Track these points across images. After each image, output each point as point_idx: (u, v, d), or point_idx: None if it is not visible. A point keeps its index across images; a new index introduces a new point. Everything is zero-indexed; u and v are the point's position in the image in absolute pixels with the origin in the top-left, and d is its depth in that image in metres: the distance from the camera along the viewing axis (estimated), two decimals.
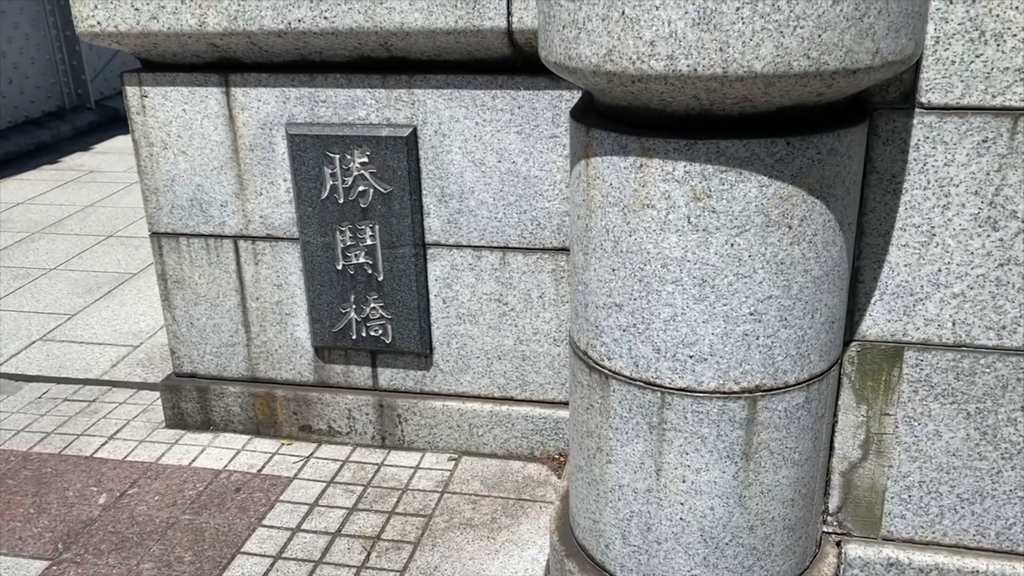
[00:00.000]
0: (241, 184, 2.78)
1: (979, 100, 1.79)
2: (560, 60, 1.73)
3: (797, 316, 1.78)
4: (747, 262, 1.72)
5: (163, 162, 2.80)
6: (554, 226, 2.61)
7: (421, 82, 2.56)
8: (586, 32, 1.63)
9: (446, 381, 2.87)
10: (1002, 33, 1.75)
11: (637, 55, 1.57)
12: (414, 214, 2.66)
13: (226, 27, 2.52)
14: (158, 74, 2.71)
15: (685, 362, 1.81)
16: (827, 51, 1.50)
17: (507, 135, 2.55)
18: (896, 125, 1.85)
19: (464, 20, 2.39)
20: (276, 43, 2.55)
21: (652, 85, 1.61)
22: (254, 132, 2.70)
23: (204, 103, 2.70)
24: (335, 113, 2.63)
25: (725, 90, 1.57)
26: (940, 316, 1.95)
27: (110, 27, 2.59)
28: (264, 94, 2.65)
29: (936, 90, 1.81)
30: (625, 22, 1.56)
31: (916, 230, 1.90)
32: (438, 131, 2.59)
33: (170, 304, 2.99)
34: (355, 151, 2.62)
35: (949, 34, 1.77)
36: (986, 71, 1.77)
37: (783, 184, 1.67)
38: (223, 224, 2.84)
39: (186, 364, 3.08)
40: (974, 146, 1.82)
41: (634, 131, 1.74)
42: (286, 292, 2.88)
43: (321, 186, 2.68)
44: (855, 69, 1.54)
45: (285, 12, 2.47)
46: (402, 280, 2.73)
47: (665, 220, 1.73)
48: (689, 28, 1.51)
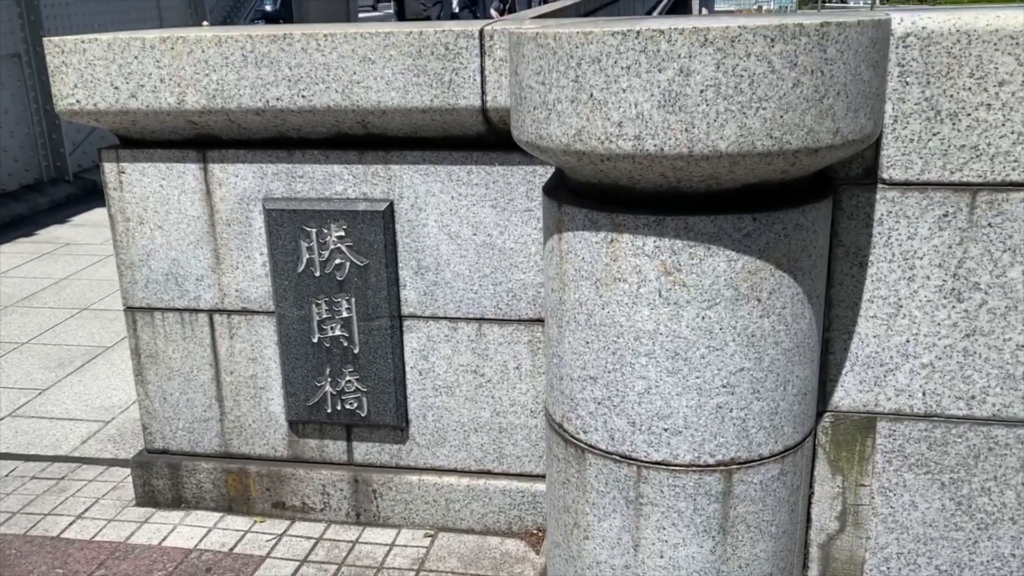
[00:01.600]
0: (217, 258, 2.78)
1: (938, 176, 1.85)
2: (531, 140, 1.77)
3: (769, 388, 1.80)
4: (718, 335, 1.74)
5: (139, 237, 2.80)
6: (530, 297, 2.63)
7: (398, 158, 2.60)
8: (556, 113, 1.67)
9: (422, 455, 2.84)
10: (957, 113, 1.81)
11: (605, 135, 1.61)
12: (390, 286, 2.67)
13: (205, 105, 2.56)
14: (136, 150, 2.73)
15: (660, 435, 1.81)
16: (789, 131, 1.55)
17: (482, 209, 2.59)
18: (860, 200, 1.90)
19: (439, 99, 2.45)
20: (254, 120, 2.59)
21: (621, 164, 1.65)
22: (231, 207, 2.72)
23: (182, 179, 2.72)
24: (312, 188, 2.66)
25: (691, 169, 1.61)
26: (910, 386, 1.97)
27: (89, 105, 2.62)
28: (242, 170, 2.68)
29: (897, 166, 1.87)
30: (593, 104, 1.61)
31: (883, 302, 1.94)
32: (414, 205, 2.63)
33: (143, 379, 2.96)
34: (332, 225, 2.64)
35: (907, 113, 1.84)
36: (943, 148, 1.84)
37: (751, 258, 1.70)
38: (198, 298, 2.83)
39: (158, 440, 3.03)
40: (936, 220, 1.87)
41: (605, 207, 1.78)
42: (261, 366, 2.86)
43: (297, 260, 2.69)
44: (817, 148, 1.59)
45: (263, 91, 2.52)
46: (378, 352, 2.73)
47: (637, 294, 1.76)
48: (655, 110, 1.56)
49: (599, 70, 1.59)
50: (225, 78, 2.53)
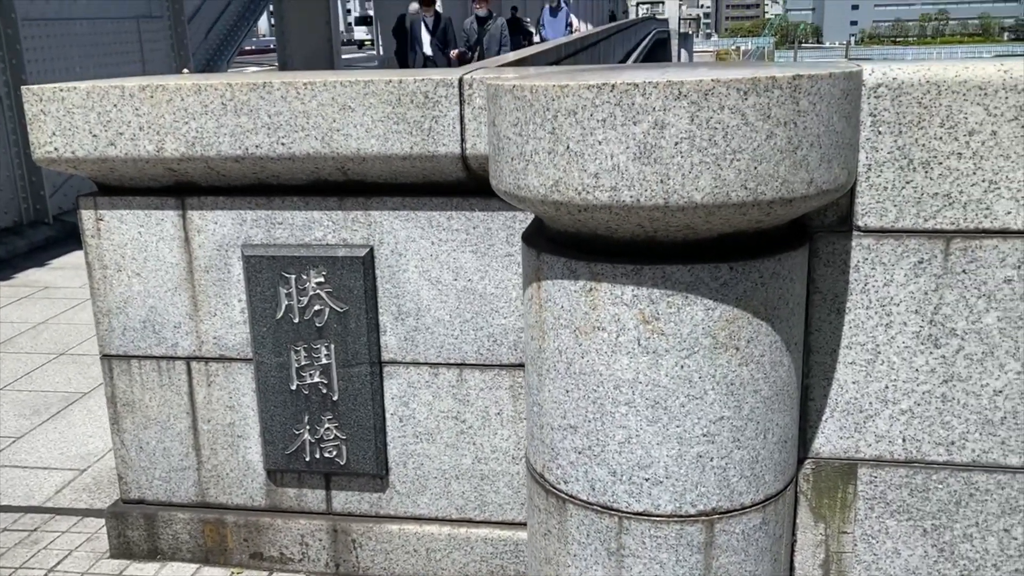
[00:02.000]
0: (195, 305, 2.76)
1: (912, 223, 1.87)
2: (510, 189, 1.78)
3: (750, 436, 1.79)
4: (698, 383, 1.73)
5: (117, 284, 2.78)
6: (511, 342, 2.62)
7: (378, 204, 2.60)
8: (533, 164, 1.68)
9: (403, 503, 2.80)
10: (929, 161, 1.84)
11: (582, 186, 1.62)
12: (370, 332, 2.66)
13: (184, 153, 2.55)
14: (114, 197, 2.72)
15: (641, 485, 1.80)
16: (763, 182, 1.57)
17: (463, 254, 2.59)
18: (836, 247, 1.92)
19: (419, 146, 2.46)
20: (233, 168, 2.59)
21: (598, 214, 1.66)
22: (210, 254, 2.71)
23: (160, 226, 2.71)
24: (292, 234, 2.65)
25: (668, 219, 1.62)
26: (890, 432, 1.97)
27: (67, 153, 2.61)
28: (221, 216, 2.67)
29: (871, 214, 1.88)
30: (570, 156, 1.62)
31: (861, 348, 1.94)
32: (394, 251, 2.62)
33: (119, 428, 2.91)
34: (311, 271, 2.63)
35: (880, 162, 1.86)
36: (917, 196, 1.86)
37: (728, 307, 1.71)
38: (176, 346, 2.80)
39: (134, 490, 2.98)
40: (911, 267, 1.89)
41: (583, 256, 1.78)
42: (239, 414, 2.82)
43: (276, 306, 2.67)
44: (791, 198, 1.60)
45: (243, 138, 2.52)
46: (357, 399, 2.70)
47: (616, 342, 1.75)
48: (631, 162, 1.57)
49: (575, 122, 1.60)
50: (204, 126, 2.53)
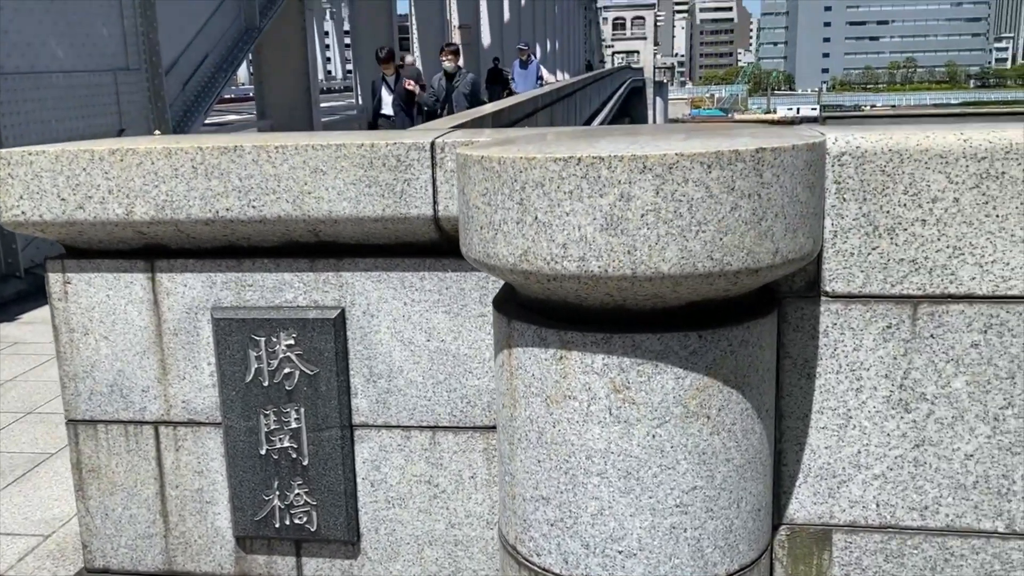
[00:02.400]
0: (164, 369, 2.72)
1: (880, 289, 1.89)
2: (479, 258, 1.77)
3: (723, 506, 1.77)
4: (670, 453, 1.72)
5: (84, 348, 2.74)
6: (484, 404, 2.60)
7: (349, 265, 2.59)
8: (502, 234, 1.68)
9: (375, 570, 2.74)
10: (894, 228, 1.86)
11: (551, 256, 1.62)
12: (341, 395, 2.62)
13: (154, 216, 2.54)
14: (82, 260, 2.69)
15: (615, 558, 1.77)
16: (729, 253, 1.58)
17: (436, 315, 2.58)
18: (805, 312, 1.92)
19: (391, 209, 2.45)
20: (204, 231, 2.57)
21: (567, 284, 1.65)
22: (179, 317, 2.68)
23: (129, 288, 2.68)
24: (262, 296, 2.63)
25: (636, 289, 1.62)
26: (864, 497, 1.96)
27: (35, 217, 2.59)
28: (190, 279, 2.65)
29: (839, 280, 1.90)
30: (538, 226, 1.63)
31: (833, 413, 1.94)
32: (366, 312, 2.60)
33: (84, 495, 2.84)
34: (281, 334, 2.60)
35: (846, 228, 1.88)
36: (883, 262, 1.87)
37: (699, 375, 1.70)
38: (144, 410, 2.75)
39: (99, 558, 2.89)
40: (880, 332, 1.89)
41: (553, 324, 1.77)
42: (207, 479, 2.77)
43: (246, 369, 2.64)
44: (757, 268, 1.61)
45: (213, 201, 2.51)
46: (328, 464, 2.65)
47: (587, 412, 1.74)
48: (598, 232, 1.58)
49: (543, 194, 1.61)
50: (175, 189, 2.52)
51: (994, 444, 1.89)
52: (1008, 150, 1.80)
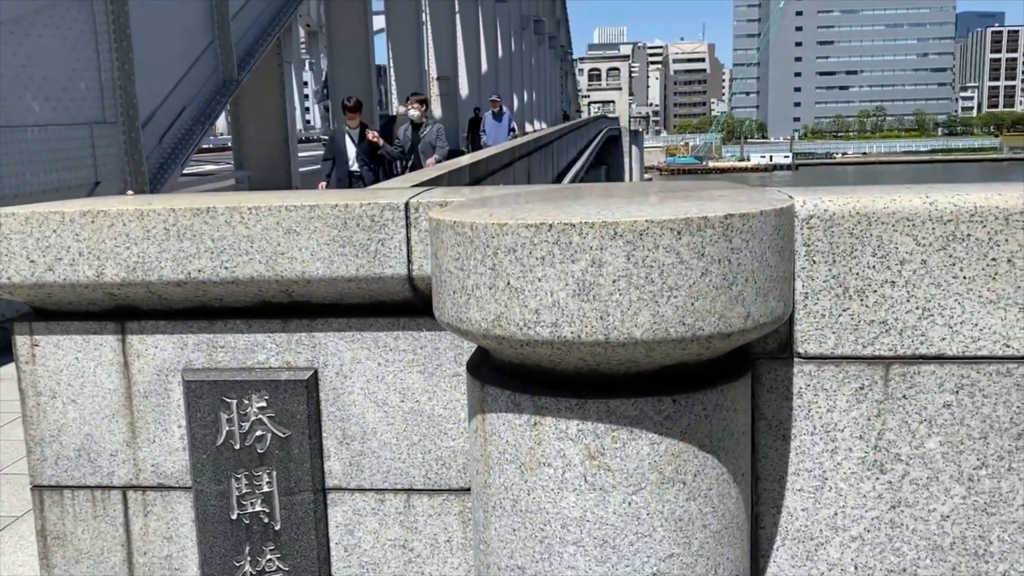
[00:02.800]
0: (133, 432, 2.67)
1: (851, 350, 1.89)
2: (452, 322, 1.77)
3: (700, 573, 1.75)
4: (646, 520, 1.70)
5: (51, 412, 2.68)
6: (460, 465, 2.56)
7: (323, 325, 2.57)
8: (475, 299, 1.68)
9: None
10: (864, 289, 1.88)
11: (524, 322, 1.62)
12: (313, 458, 2.58)
13: (124, 277, 2.51)
14: (51, 322, 2.65)
15: None
16: (701, 318, 1.58)
17: (410, 375, 2.55)
18: (778, 374, 1.93)
19: (365, 268, 2.45)
20: (175, 292, 2.55)
21: (540, 349, 1.65)
22: (149, 379, 2.64)
23: (98, 351, 2.64)
24: (234, 358, 2.60)
25: (609, 354, 1.62)
26: (842, 560, 1.94)
27: (2, 279, 2.55)
28: (161, 341, 2.61)
29: (811, 341, 1.91)
30: (511, 291, 1.62)
31: (809, 474, 1.93)
32: (339, 372, 2.58)
33: (48, 563, 2.76)
34: (253, 396, 2.57)
35: (816, 290, 1.89)
36: (854, 323, 1.89)
37: (674, 441, 1.69)
38: (112, 474, 2.69)
39: None
40: (853, 393, 1.90)
41: (527, 388, 1.76)
42: (177, 545, 2.70)
43: (217, 432, 2.59)
44: (729, 333, 1.61)
45: (185, 263, 2.49)
46: (300, 528, 2.60)
47: (562, 479, 1.72)
48: (571, 298, 1.58)
49: (515, 259, 1.61)
50: (146, 251, 2.50)
51: (969, 505, 1.89)
52: (973, 213, 1.83)
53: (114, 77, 8.04)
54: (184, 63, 9.58)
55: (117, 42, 8.07)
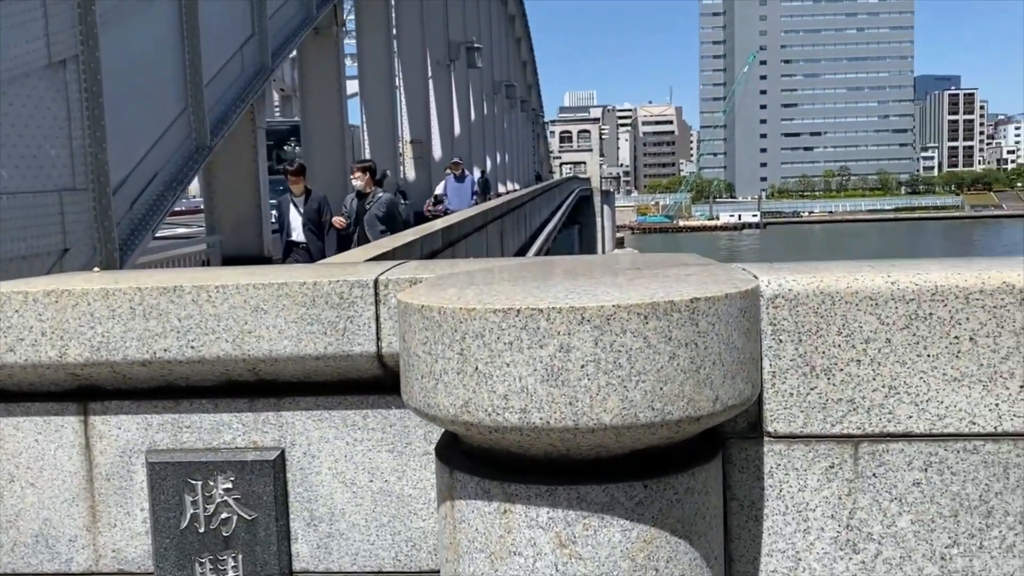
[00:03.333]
0: (94, 516, 2.59)
1: (820, 429, 1.90)
2: (420, 407, 1.75)
3: None
4: None
5: (8, 496, 2.60)
6: (430, 546, 2.51)
7: (290, 404, 2.53)
8: (443, 384, 1.67)
9: None
10: (830, 368, 1.89)
11: (492, 408, 1.61)
12: (280, 541, 2.52)
13: (88, 357, 2.47)
14: (10, 404, 2.59)
15: None
16: (670, 402, 1.58)
17: (379, 454, 2.52)
18: (749, 453, 1.92)
19: (334, 346, 2.43)
20: (140, 371, 2.51)
21: (509, 435, 1.63)
22: (112, 460, 2.57)
23: (59, 432, 2.58)
24: (199, 438, 2.55)
25: (579, 440, 1.61)
26: None
27: None
28: (125, 421, 2.56)
29: (780, 420, 1.91)
30: (479, 376, 1.61)
31: (782, 555, 1.91)
32: (307, 452, 2.53)
33: None
34: (219, 477, 2.51)
35: (783, 369, 1.90)
36: (822, 402, 1.89)
37: (645, 527, 1.67)
38: (71, 561, 2.60)
39: None
40: (823, 472, 1.90)
41: (497, 474, 1.74)
42: None
43: (181, 515, 2.52)
44: (698, 416, 1.61)
45: (151, 342, 2.45)
46: None
47: (533, 568, 1.69)
48: (539, 384, 1.57)
49: (483, 344, 1.61)
50: (111, 330, 2.46)
51: None
52: (934, 292, 1.86)
53: (85, 144, 8.03)
54: (157, 129, 9.60)
55: (89, 110, 8.07)
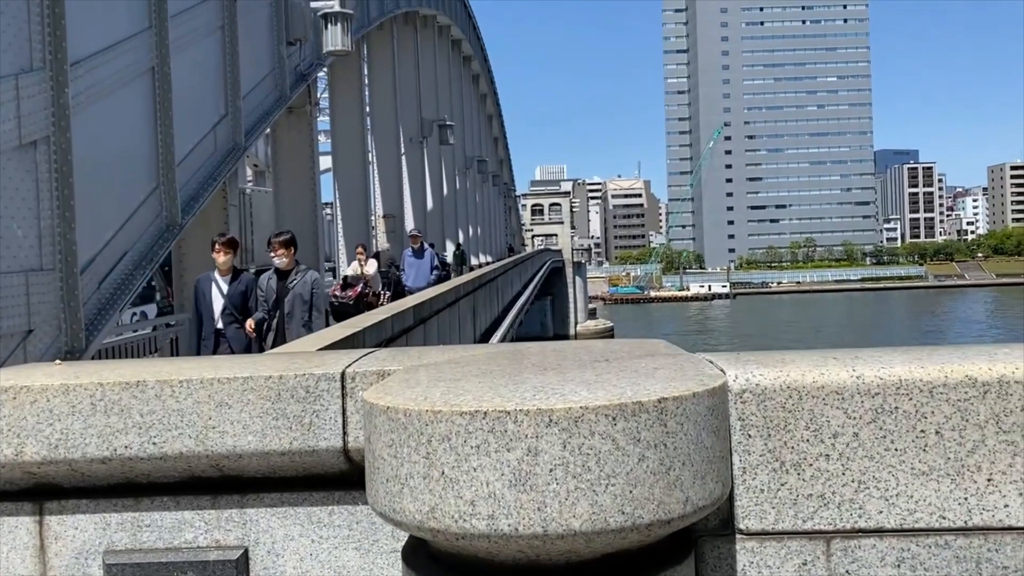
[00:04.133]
0: None
1: (792, 525, 1.88)
2: (386, 512, 1.71)
3: None
4: None
5: None
6: None
7: (254, 501, 2.47)
8: (409, 488, 1.64)
9: None
10: (800, 463, 1.89)
11: (459, 514, 1.57)
12: None
13: (45, 456, 2.40)
14: None
15: None
16: (640, 506, 1.56)
17: (345, 552, 2.45)
18: (721, 552, 1.90)
19: (299, 441, 2.38)
20: (100, 469, 2.44)
21: (477, 542, 1.60)
22: (67, 563, 2.48)
23: (12, 534, 2.48)
24: (160, 537, 2.47)
25: (548, 546, 1.57)
26: None
27: None
28: (82, 521, 2.48)
29: (751, 517, 1.89)
30: (445, 481, 1.59)
31: None
32: (271, 551, 2.46)
33: None
34: None
35: (754, 465, 1.89)
36: (793, 498, 1.88)
37: None
38: None
39: None
40: (796, 569, 1.87)
41: None
42: None
43: None
44: (668, 519, 1.59)
45: (111, 439, 2.39)
46: None
47: None
48: (507, 489, 1.55)
49: (449, 448, 1.58)
50: (70, 427, 2.40)
51: None
52: (898, 386, 1.87)
53: (53, 224, 7.98)
54: (127, 208, 9.58)
55: (59, 190, 8.06)
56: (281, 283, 7.11)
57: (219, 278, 7.23)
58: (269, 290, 7.13)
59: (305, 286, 7.07)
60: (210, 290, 7.26)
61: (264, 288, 7.16)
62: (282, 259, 7.13)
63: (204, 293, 7.31)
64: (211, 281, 7.30)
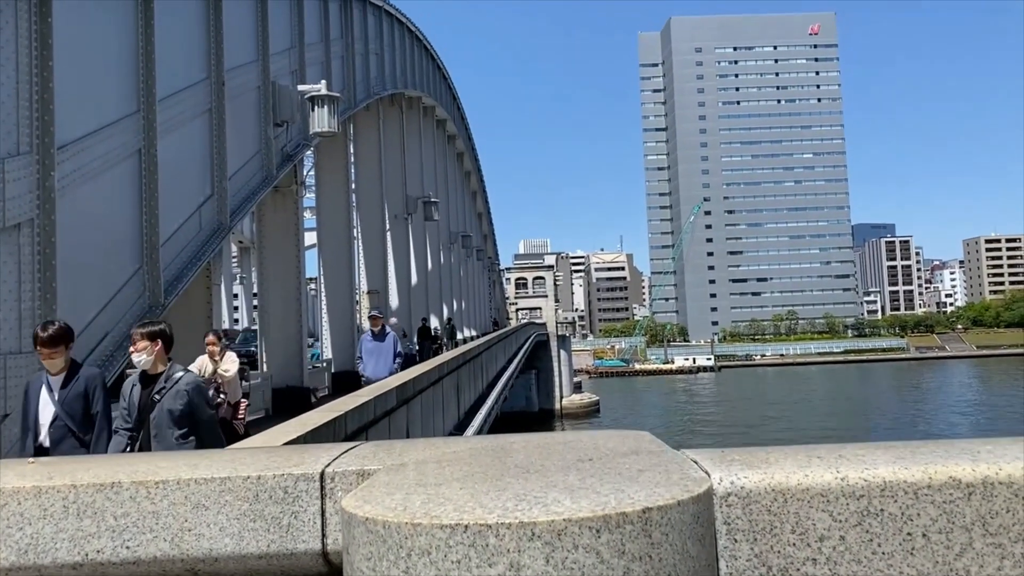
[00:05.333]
0: None
1: None
2: None
3: None
4: None
5: None
6: None
7: None
8: None
9: None
10: (786, 568, 1.86)
11: None
12: None
13: (14, 562, 2.33)
14: None
15: None
16: None
17: None
18: None
19: (277, 544, 2.33)
20: (70, 575, 2.36)
21: None
22: None
23: None
24: None
25: None
26: None
27: None
28: None
29: None
30: None
31: None
32: None
33: None
34: None
35: (740, 570, 1.86)
36: None
37: None
38: None
39: None
40: None
41: None
42: None
43: None
44: None
45: (83, 543, 2.33)
46: None
47: None
48: None
49: (430, 563, 1.55)
50: (41, 532, 2.34)
51: None
52: (883, 488, 1.86)
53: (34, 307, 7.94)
54: (110, 289, 9.56)
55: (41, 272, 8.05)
56: (145, 392, 5.04)
57: (52, 379, 5.11)
58: (132, 403, 5.04)
59: (177, 398, 4.96)
60: (39, 395, 5.11)
61: (126, 398, 5.08)
62: (141, 356, 5.00)
63: (29, 401, 5.16)
64: (41, 384, 5.15)
